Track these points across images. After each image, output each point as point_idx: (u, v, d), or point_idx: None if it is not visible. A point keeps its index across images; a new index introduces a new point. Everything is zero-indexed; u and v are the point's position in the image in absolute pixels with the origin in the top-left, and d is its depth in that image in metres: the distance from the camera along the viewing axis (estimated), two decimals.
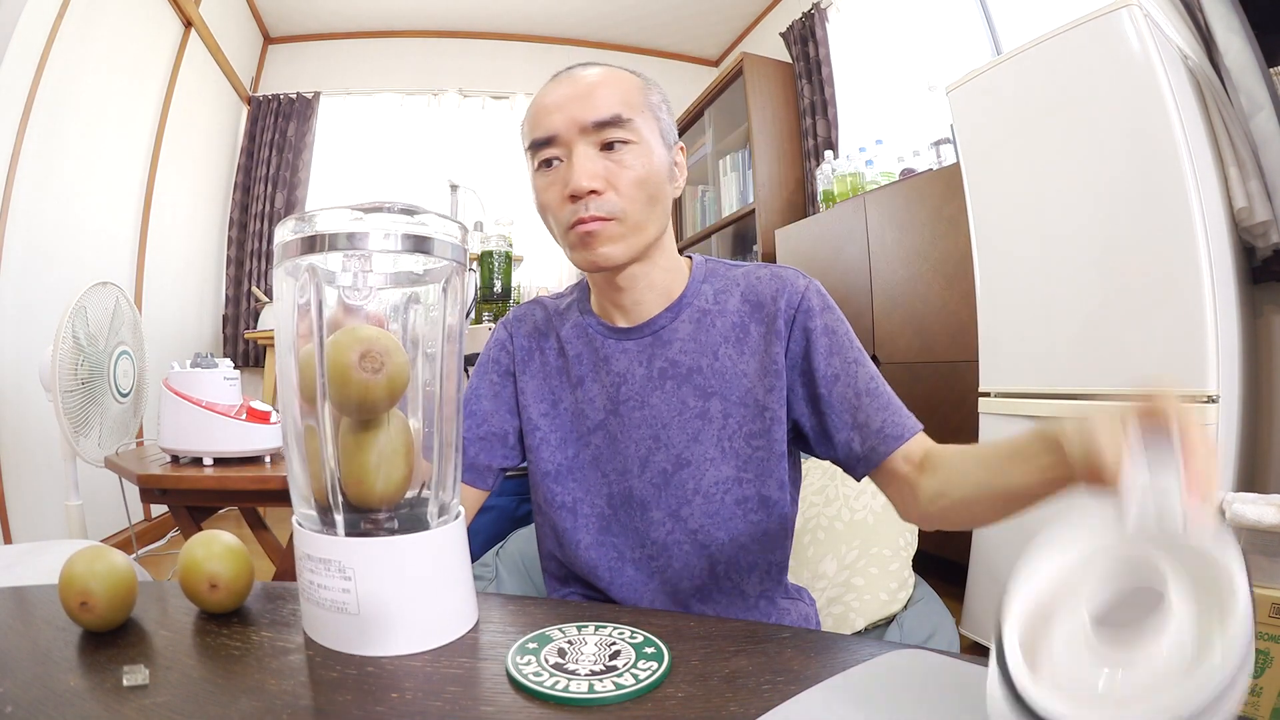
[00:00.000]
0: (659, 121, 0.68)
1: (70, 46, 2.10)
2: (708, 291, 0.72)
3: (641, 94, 0.67)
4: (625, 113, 0.63)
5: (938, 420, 1.95)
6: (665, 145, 0.68)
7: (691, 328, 0.70)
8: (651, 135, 0.66)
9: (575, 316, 0.75)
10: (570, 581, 0.76)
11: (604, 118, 0.63)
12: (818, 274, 2.92)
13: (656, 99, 0.68)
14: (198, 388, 1.13)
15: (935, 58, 2.55)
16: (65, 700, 0.38)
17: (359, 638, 0.46)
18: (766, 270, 0.72)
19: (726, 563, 0.69)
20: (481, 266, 2.57)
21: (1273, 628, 1.08)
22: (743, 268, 0.74)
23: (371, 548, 0.46)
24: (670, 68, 4.13)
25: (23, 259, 1.96)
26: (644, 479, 0.69)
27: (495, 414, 0.75)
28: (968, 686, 0.39)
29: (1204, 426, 1.18)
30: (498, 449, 0.75)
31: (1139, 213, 1.28)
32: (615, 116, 0.63)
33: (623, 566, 0.71)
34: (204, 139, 3.23)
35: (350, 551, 0.46)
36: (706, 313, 0.71)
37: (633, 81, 0.67)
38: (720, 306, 0.71)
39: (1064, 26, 1.37)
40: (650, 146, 0.65)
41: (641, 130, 0.65)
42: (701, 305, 0.71)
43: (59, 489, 1.49)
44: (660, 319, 0.71)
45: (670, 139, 0.69)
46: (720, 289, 0.72)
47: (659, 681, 0.41)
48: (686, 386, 0.69)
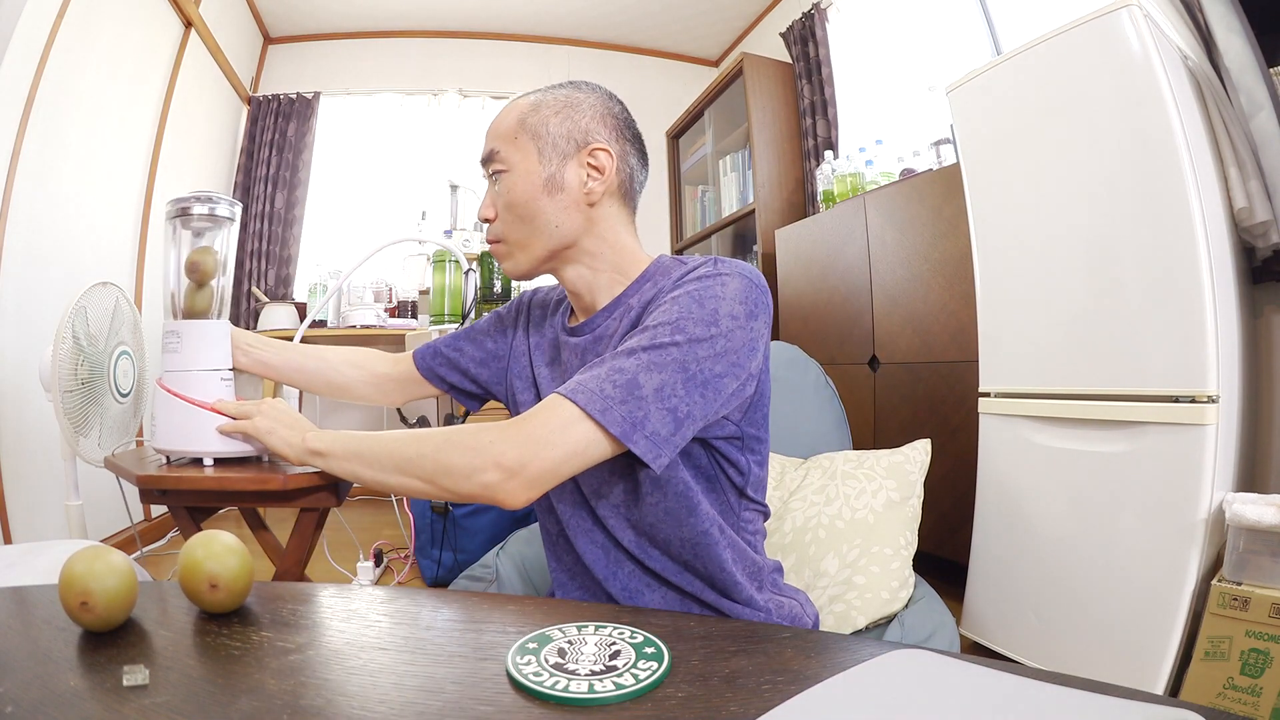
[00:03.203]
0: (540, 139, 0.70)
1: (70, 46, 2.10)
2: (648, 292, 0.71)
3: (519, 120, 0.71)
4: (496, 145, 0.72)
5: (938, 420, 1.95)
6: (549, 160, 0.70)
7: (616, 324, 0.72)
8: (524, 158, 0.70)
9: (560, 312, 0.82)
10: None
11: (483, 156, 0.74)
12: (818, 274, 2.91)
13: (543, 116, 0.71)
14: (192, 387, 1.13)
15: (935, 58, 2.55)
16: (65, 700, 0.38)
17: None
18: (696, 260, 0.69)
19: (650, 536, 0.70)
20: (481, 266, 2.57)
21: (1273, 628, 1.08)
22: (687, 265, 0.70)
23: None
24: (670, 68, 4.13)
25: (23, 259, 1.96)
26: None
27: (471, 347, 0.89)
28: (968, 686, 0.39)
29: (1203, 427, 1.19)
30: (453, 371, 0.90)
31: (1139, 213, 1.28)
32: (490, 153, 0.73)
33: (577, 521, 0.74)
34: (204, 139, 3.23)
35: None
36: (631, 309, 0.71)
37: (516, 110, 0.72)
38: (649, 307, 0.70)
39: (1064, 27, 1.37)
40: (518, 171, 0.70)
41: (510, 157, 0.71)
42: (631, 303, 0.72)
43: (59, 489, 1.49)
44: (598, 318, 0.74)
45: (565, 148, 0.70)
46: (660, 285, 0.70)
47: (659, 681, 0.41)
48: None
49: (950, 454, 1.83)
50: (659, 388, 0.58)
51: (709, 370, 0.60)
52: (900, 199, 2.14)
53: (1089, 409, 1.36)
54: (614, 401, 0.57)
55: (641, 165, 0.76)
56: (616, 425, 0.57)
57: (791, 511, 1.11)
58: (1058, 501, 1.42)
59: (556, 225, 0.71)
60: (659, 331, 0.61)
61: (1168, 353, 1.24)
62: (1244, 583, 1.12)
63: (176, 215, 0.96)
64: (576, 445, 0.58)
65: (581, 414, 0.57)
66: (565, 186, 0.70)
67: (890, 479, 1.10)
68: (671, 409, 0.58)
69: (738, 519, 0.74)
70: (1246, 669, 1.09)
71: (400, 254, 3.27)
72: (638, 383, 0.58)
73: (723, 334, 0.61)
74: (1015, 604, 1.49)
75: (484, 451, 0.58)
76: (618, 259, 0.74)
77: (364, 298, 3.02)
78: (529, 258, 0.73)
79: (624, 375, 0.58)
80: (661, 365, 0.59)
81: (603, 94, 0.74)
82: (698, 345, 0.60)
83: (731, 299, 0.63)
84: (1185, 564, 1.19)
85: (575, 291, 0.76)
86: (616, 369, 0.59)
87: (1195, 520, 1.19)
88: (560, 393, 0.59)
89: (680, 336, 0.60)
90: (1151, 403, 1.26)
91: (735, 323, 0.62)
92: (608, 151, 0.71)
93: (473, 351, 0.89)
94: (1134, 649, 1.25)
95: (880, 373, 2.22)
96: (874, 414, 2.24)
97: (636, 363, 0.59)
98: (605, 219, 0.73)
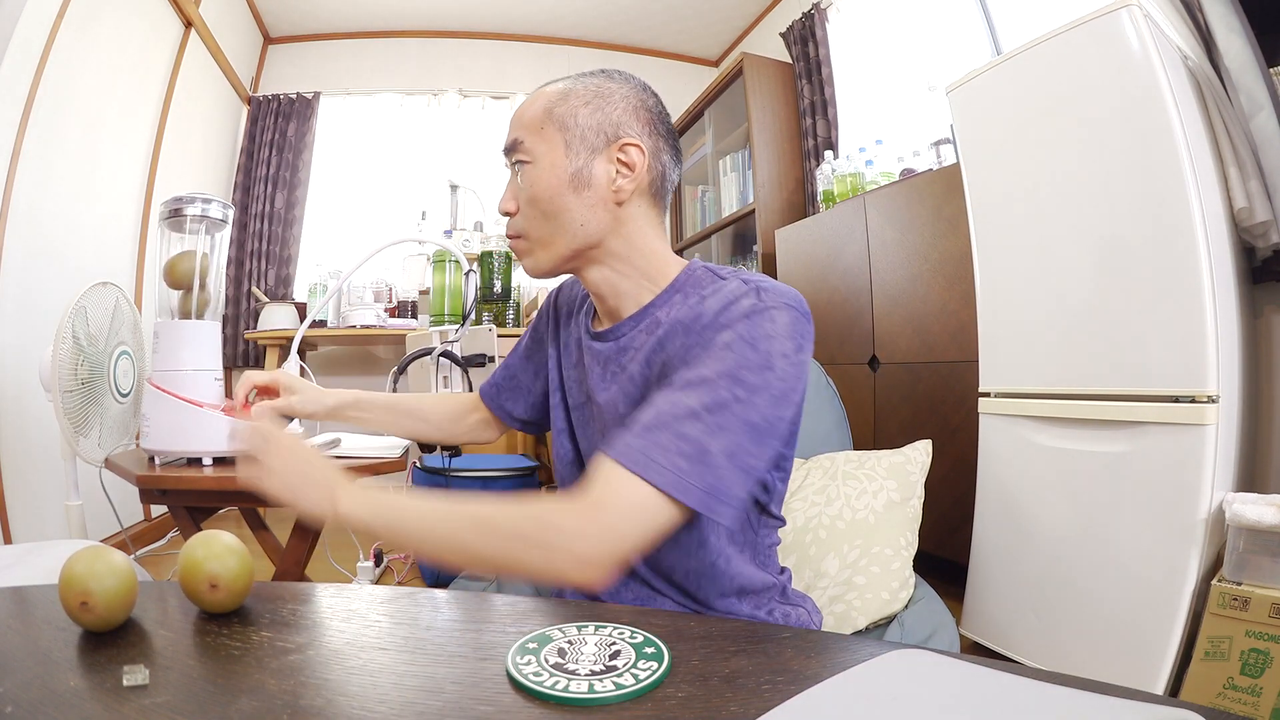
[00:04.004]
0: (568, 130, 0.66)
1: (70, 46, 2.10)
2: (676, 302, 0.68)
3: (545, 110, 0.67)
4: (521, 135, 0.68)
5: (938, 420, 1.95)
6: (577, 153, 0.66)
7: (645, 338, 0.69)
8: (550, 150, 0.66)
9: (584, 310, 0.79)
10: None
11: (506, 145, 0.69)
12: (818, 274, 2.91)
13: (572, 106, 0.66)
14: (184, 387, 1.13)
15: (935, 58, 2.55)
16: (65, 700, 0.38)
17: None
18: (738, 283, 0.65)
19: (654, 563, 0.70)
20: (481, 266, 2.57)
21: (1273, 628, 1.08)
22: (724, 281, 0.67)
23: None
24: (670, 68, 4.13)
25: (23, 259, 1.96)
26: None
27: (524, 371, 0.88)
28: (968, 686, 0.39)
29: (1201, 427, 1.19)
30: (520, 398, 0.88)
31: (1139, 213, 1.28)
32: (513, 142, 0.68)
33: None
34: (204, 139, 3.23)
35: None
36: (660, 324, 0.68)
37: (544, 98, 0.68)
38: (675, 319, 0.67)
39: (1064, 27, 1.37)
40: (543, 164, 0.66)
41: (535, 149, 0.67)
42: (660, 316, 0.69)
43: (59, 489, 1.49)
44: (624, 326, 0.71)
45: (594, 142, 0.66)
46: (689, 300, 0.67)
47: (659, 681, 0.41)
48: (622, 394, 0.69)
49: (950, 454, 1.83)
50: (730, 451, 0.56)
51: (771, 416, 0.58)
52: (900, 199, 2.14)
53: (1089, 409, 1.36)
54: (689, 476, 0.54)
55: (675, 163, 0.71)
56: (696, 499, 0.54)
57: (792, 512, 1.11)
58: (1058, 501, 1.42)
59: (581, 224, 0.67)
60: (718, 387, 0.57)
61: (1168, 353, 1.24)
62: (1244, 583, 1.12)
63: (167, 217, 0.96)
64: (654, 524, 0.55)
65: (657, 492, 0.54)
66: (593, 183, 0.66)
67: (891, 479, 1.10)
68: (743, 468, 0.57)
69: (755, 535, 0.73)
70: (1246, 669, 1.09)
71: (400, 254, 3.26)
72: (708, 450, 0.55)
73: (778, 375, 0.59)
74: (1015, 604, 1.49)
75: (558, 548, 0.53)
76: (645, 264, 0.70)
77: (364, 298, 3.01)
78: (550, 256, 0.69)
79: (692, 444, 0.55)
80: (727, 426, 0.56)
81: (637, 85, 0.69)
82: (757, 395, 0.57)
83: (783, 336, 0.60)
84: (1185, 564, 1.19)
85: (599, 294, 0.73)
86: (681, 435, 0.55)
87: (1195, 520, 1.19)
88: (630, 468, 0.54)
89: (740, 390, 0.57)
90: (1151, 403, 1.26)
91: (787, 361, 0.60)
92: (639, 147, 0.66)
93: (523, 366, 0.88)
94: (1134, 649, 1.25)
95: (880, 373, 2.22)
96: (874, 414, 2.24)
97: (702, 427, 0.56)
98: (633, 219, 0.68)
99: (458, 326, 1.34)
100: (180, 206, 1.01)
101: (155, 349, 1.04)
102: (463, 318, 1.31)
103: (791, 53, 3.21)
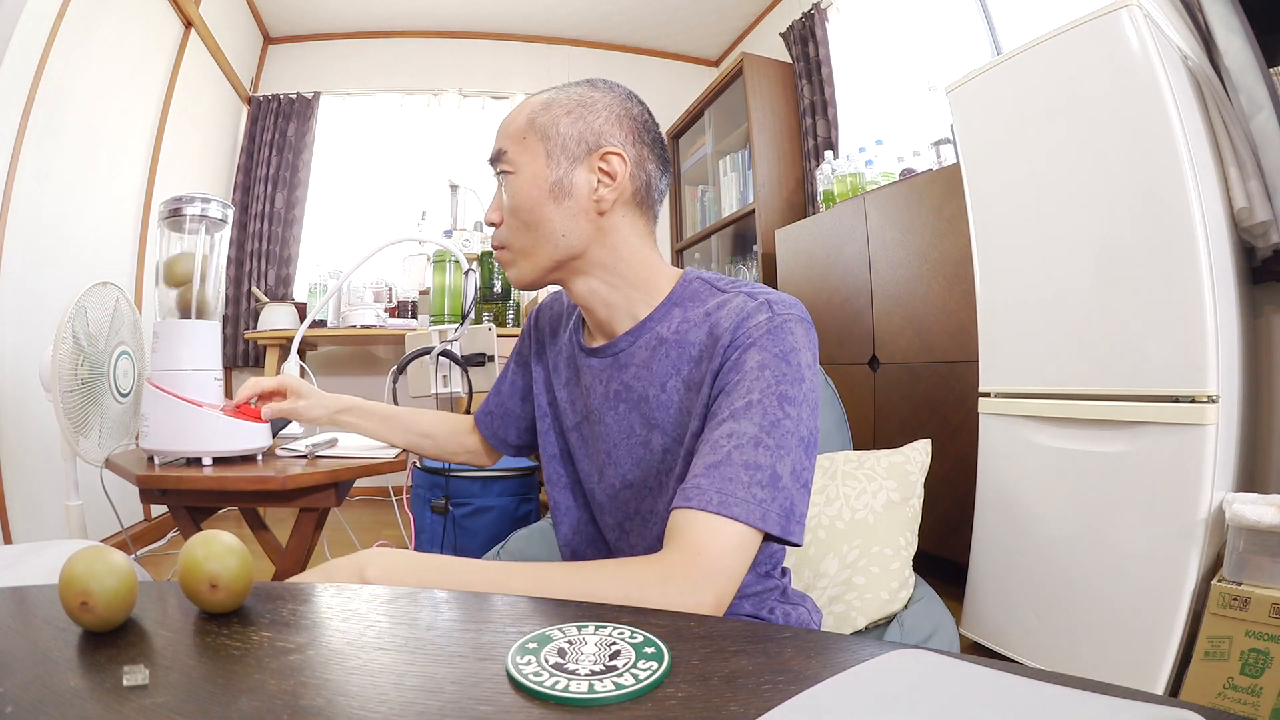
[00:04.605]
0: (549, 140, 0.65)
1: (70, 46, 2.10)
2: (676, 316, 0.68)
3: (528, 120, 0.66)
4: (504, 145, 0.67)
5: (938, 420, 1.95)
6: (558, 163, 0.65)
7: (647, 354, 0.68)
8: (531, 160, 0.65)
9: (572, 324, 0.78)
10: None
11: (491, 156, 0.69)
12: (818, 274, 2.91)
13: (554, 115, 0.66)
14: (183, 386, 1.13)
15: (935, 58, 2.55)
16: (65, 700, 0.38)
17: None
18: (744, 298, 0.65)
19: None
20: (481, 267, 2.57)
21: (1273, 628, 1.08)
22: (726, 295, 0.66)
23: None
24: (670, 68, 4.13)
25: (23, 259, 1.96)
26: (601, 487, 0.73)
27: (510, 398, 0.88)
28: (968, 686, 0.39)
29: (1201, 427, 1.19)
30: (511, 425, 0.89)
31: (1139, 213, 1.28)
32: (497, 152, 0.68)
33: (591, 558, 0.73)
34: (204, 139, 3.23)
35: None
36: (664, 341, 0.67)
37: (527, 108, 0.67)
38: (680, 336, 0.67)
39: (1064, 27, 1.37)
40: (524, 174, 0.66)
41: (518, 159, 0.66)
42: (661, 332, 0.68)
43: (59, 489, 1.49)
44: (621, 341, 0.70)
45: (575, 151, 0.65)
46: (691, 316, 0.67)
47: (659, 681, 0.41)
48: (635, 413, 0.69)
49: (950, 454, 1.83)
50: (794, 471, 0.58)
51: (813, 427, 0.61)
52: (900, 199, 2.14)
53: (1089, 409, 1.36)
54: (767, 504, 0.56)
55: (661, 172, 0.70)
56: (776, 525, 0.56)
57: None
58: (1058, 501, 1.42)
59: (563, 234, 0.66)
60: (768, 407, 0.58)
61: (1168, 353, 1.24)
62: (1244, 583, 1.12)
63: (166, 217, 0.96)
64: (748, 556, 0.56)
65: (744, 527, 0.55)
66: (573, 192, 0.65)
67: (890, 479, 1.10)
68: (804, 484, 0.59)
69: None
70: (1246, 669, 1.09)
71: (400, 254, 3.26)
72: (777, 474, 0.57)
73: (809, 387, 0.61)
74: (1015, 604, 1.49)
75: (671, 601, 0.53)
76: (633, 274, 0.69)
77: (364, 298, 3.01)
78: (533, 267, 0.68)
79: (765, 471, 0.56)
80: (786, 446, 0.58)
81: (621, 93, 0.68)
82: (801, 409, 0.59)
83: (804, 348, 0.62)
84: (1185, 564, 1.19)
85: (588, 307, 0.71)
86: (750, 464, 0.56)
87: (1195, 520, 1.19)
88: (714, 511, 0.55)
89: (789, 406, 0.59)
90: (1151, 403, 1.26)
91: (811, 371, 0.62)
92: (621, 156, 0.65)
93: (510, 392, 0.88)
94: (1134, 649, 1.25)
95: (880, 373, 2.22)
96: (874, 414, 2.24)
97: (767, 454, 0.57)
98: (617, 229, 0.67)
99: (457, 326, 1.34)
100: (180, 206, 1.01)
101: (155, 349, 1.04)
102: (462, 318, 1.31)
103: (791, 53, 3.21)
